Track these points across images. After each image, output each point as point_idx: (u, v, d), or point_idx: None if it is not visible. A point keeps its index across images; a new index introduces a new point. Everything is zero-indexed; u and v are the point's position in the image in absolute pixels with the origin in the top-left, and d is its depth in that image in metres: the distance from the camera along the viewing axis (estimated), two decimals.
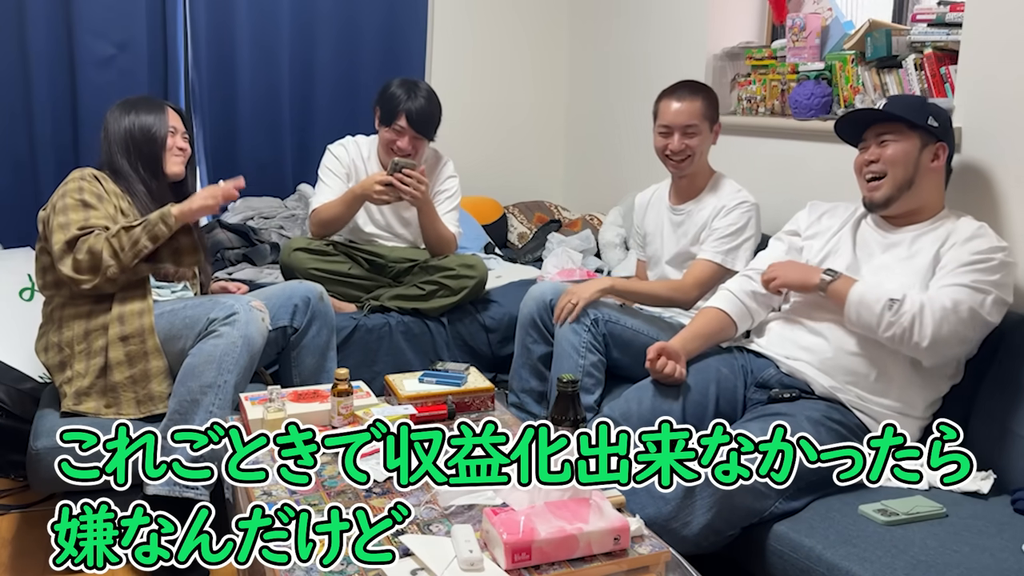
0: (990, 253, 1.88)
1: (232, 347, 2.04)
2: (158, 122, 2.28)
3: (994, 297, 1.85)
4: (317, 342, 2.38)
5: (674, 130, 2.42)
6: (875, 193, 2.01)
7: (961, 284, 1.85)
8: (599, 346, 2.30)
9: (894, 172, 1.98)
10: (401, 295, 2.83)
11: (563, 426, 1.66)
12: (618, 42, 3.72)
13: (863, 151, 2.05)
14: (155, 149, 2.28)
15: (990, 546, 1.54)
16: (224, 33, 3.43)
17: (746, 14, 3.21)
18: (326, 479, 1.63)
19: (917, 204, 2.00)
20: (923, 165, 1.97)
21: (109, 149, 2.28)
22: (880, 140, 2.00)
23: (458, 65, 3.93)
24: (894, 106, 2.00)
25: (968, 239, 1.91)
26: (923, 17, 2.32)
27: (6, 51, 3.12)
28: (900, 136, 1.97)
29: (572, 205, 4.09)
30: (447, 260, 2.83)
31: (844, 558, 1.54)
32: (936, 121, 1.97)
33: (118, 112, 2.30)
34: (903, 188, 1.98)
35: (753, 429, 1.76)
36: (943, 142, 1.98)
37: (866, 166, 2.03)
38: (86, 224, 2.09)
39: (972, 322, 1.84)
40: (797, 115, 2.70)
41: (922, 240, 1.97)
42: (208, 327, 2.08)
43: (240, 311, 2.08)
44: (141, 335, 2.11)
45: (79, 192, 2.15)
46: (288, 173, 3.65)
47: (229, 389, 2.03)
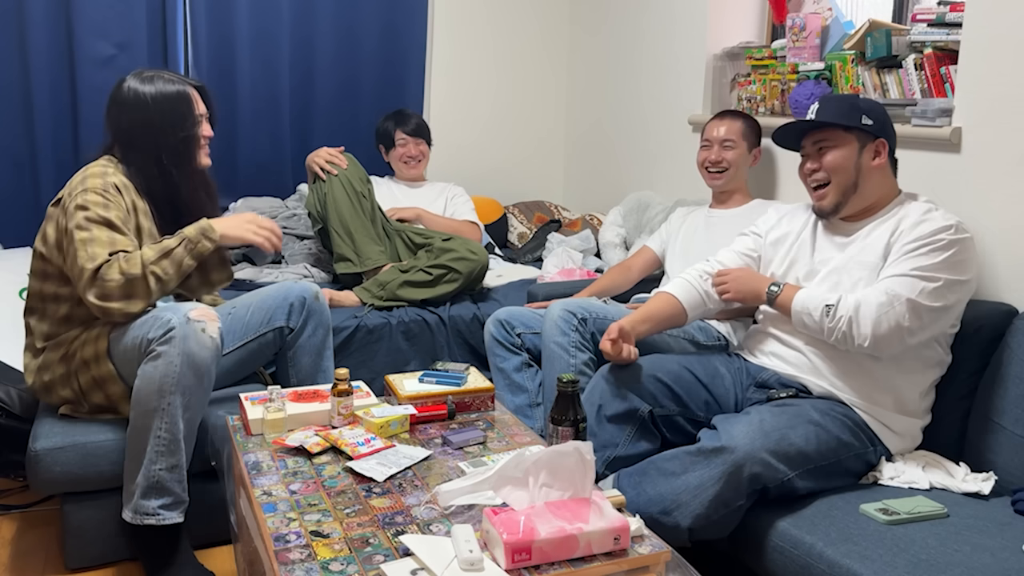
0: (934, 235, 1.85)
1: (171, 367, 1.90)
2: (187, 106, 2.13)
3: (942, 281, 1.82)
4: (313, 342, 2.35)
5: (713, 143, 2.66)
6: (823, 201, 2.03)
7: (899, 274, 1.85)
8: (588, 344, 2.30)
9: (837, 179, 1.99)
10: (409, 282, 2.89)
11: (563, 425, 1.66)
12: (618, 42, 3.72)
13: (804, 160, 2.06)
14: (190, 144, 2.15)
15: (991, 546, 1.54)
16: (224, 33, 3.43)
17: (746, 14, 3.21)
18: (326, 479, 1.63)
19: (867, 203, 2.01)
20: (865, 166, 1.97)
21: (126, 136, 2.12)
22: (818, 148, 2.01)
23: (458, 65, 3.93)
24: (826, 112, 1.99)
25: (914, 224, 1.90)
26: (923, 17, 2.32)
27: (6, 51, 3.12)
28: (837, 141, 1.98)
29: (572, 205, 4.09)
30: (453, 243, 2.97)
31: (845, 556, 1.54)
32: (870, 118, 1.97)
33: (135, 88, 2.11)
34: (849, 192, 1.99)
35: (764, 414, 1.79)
36: (881, 138, 1.98)
37: (809, 176, 2.04)
38: (115, 249, 1.97)
39: (914, 311, 1.82)
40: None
41: (875, 233, 1.98)
42: (147, 348, 1.93)
43: (176, 326, 1.91)
44: (97, 360, 2.04)
45: (105, 207, 2.00)
46: (288, 173, 3.65)
47: (176, 411, 1.92)
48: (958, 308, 1.91)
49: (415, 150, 3.34)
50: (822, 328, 1.90)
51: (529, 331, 2.46)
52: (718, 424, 1.81)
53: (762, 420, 1.78)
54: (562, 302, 2.33)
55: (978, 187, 2.16)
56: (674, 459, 1.78)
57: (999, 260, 2.12)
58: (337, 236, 3.03)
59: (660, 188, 3.40)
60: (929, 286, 1.82)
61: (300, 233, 3.37)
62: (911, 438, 1.95)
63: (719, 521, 1.73)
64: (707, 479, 1.71)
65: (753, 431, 1.74)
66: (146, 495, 1.94)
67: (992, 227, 2.12)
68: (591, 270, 3.21)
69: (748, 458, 1.69)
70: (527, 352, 2.45)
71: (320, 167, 3.09)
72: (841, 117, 1.97)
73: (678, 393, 2.03)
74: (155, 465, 1.93)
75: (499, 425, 1.93)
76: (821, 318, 1.90)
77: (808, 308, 1.93)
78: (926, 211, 1.93)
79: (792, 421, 1.80)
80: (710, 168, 2.68)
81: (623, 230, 3.34)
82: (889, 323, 1.82)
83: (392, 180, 3.43)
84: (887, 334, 1.83)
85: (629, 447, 1.99)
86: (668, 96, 3.39)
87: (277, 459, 1.72)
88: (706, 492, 1.70)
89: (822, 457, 1.78)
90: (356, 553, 1.36)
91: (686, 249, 2.68)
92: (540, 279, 3.16)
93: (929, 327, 1.86)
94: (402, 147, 3.33)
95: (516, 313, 2.50)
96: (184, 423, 1.95)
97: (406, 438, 1.84)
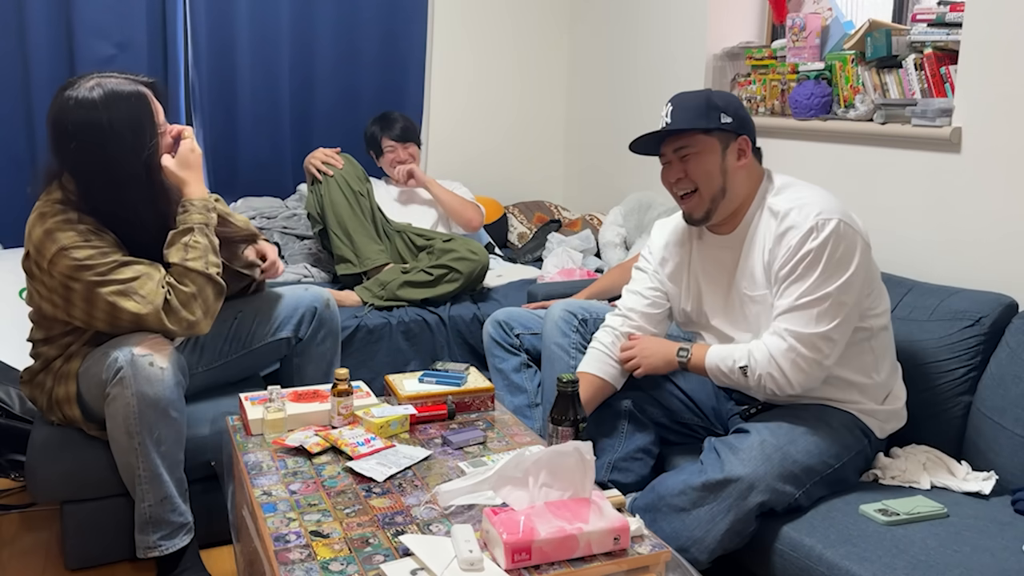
0: (800, 249, 1.75)
1: (128, 409, 1.85)
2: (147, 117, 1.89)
3: (831, 300, 1.73)
4: (321, 350, 2.33)
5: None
6: (693, 211, 1.90)
7: (787, 310, 1.77)
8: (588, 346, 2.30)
9: (704, 186, 1.86)
10: (410, 282, 2.89)
11: (563, 425, 1.66)
12: (618, 42, 3.71)
13: (666, 168, 1.93)
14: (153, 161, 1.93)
15: (991, 546, 1.54)
16: (224, 33, 3.43)
17: (746, 14, 3.21)
18: (326, 479, 1.63)
19: (735, 204, 1.90)
20: (730, 167, 1.86)
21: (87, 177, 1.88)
22: (681, 155, 1.88)
23: (458, 64, 3.93)
24: (681, 114, 1.86)
25: (778, 238, 1.79)
26: (923, 17, 2.32)
27: (6, 51, 3.12)
28: (699, 147, 1.86)
29: (572, 205, 4.08)
30: (454, 243, 2.98)
31: (844, 557, 1.54)
32: (728, 115, 1.85)
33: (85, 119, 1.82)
34: (718, 198, 1.87)
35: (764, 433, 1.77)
36: (743, 135, 1.87)
37: (674, 183, 1.91)
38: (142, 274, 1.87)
39: (820, 341, 1.74)
40: (797, 115, 2.70)
41: (751, 254, 1.87)
42: (104, 391, 1.87)
43: (123, 366, 1.83)
44: (68, 401, 1.99)
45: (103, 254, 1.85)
46: (288, 173, 3.65)
47: (148, 449, 1.88)
48: (857, 295, 1.78)
49: (404, 154, 3.30)
50: (747, 386, 1.85)
51: (528, 332, 2.46)
52: (719, 449, 1.77)
53: (763, 442, 1.74)
54: (563, 303, 2.33)
55: (978, 187, 2.16)
56: (682, 495, 1.75)
57: (999, 259, 2.12)
58: (336, 237, 3.03)
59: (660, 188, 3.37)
60: (819, 310, 1.74)
61: (300, 233, 3.37)
62: (897, 418, 1.91)
63: (733, 547, 1.74)
64: (717, 513, 1.70)
65: (755, 457, 1.71)
66: (143, 530, 1.95)
67: (992, 227, 2.12)
68: (591, 270, 3.21)
69: (754, 487, 1.68)
70: (526, 353, 2.45)
71: (317, 168, 3.09)
72: (699, 119, 1.84)
73: (659, 400, 2.05)
74: (144, 503, 1.93)
75: (499, 425, 1.93)
76: (739, 379, 1.85)
77: (722, 369, 1.86)
78: (784, 215, 1.80)
79: (791, 435, 1.77)
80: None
81: (623, 230, 3.34)
82: (804, 364, 1.76)
83: (390, 181, 3.43)
84: (809, 373, 1.77)
85: (627, 444, 2.00)
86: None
87: (277, 459, 1.72)
88: (718, 526, 1.70)
89: (827, 466, 1.77)
90: (356, 553, 1.36)
91: None
92: (540, 279, 3.16)
93: (841, 341, 1.78)
94: (391, 153, 3.29)
95: (515, 314, 2.50)
96: (160, 457, 1.91)
97: (406, 438, 1.84)
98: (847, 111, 2.56)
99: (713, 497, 1.71)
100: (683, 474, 1.79)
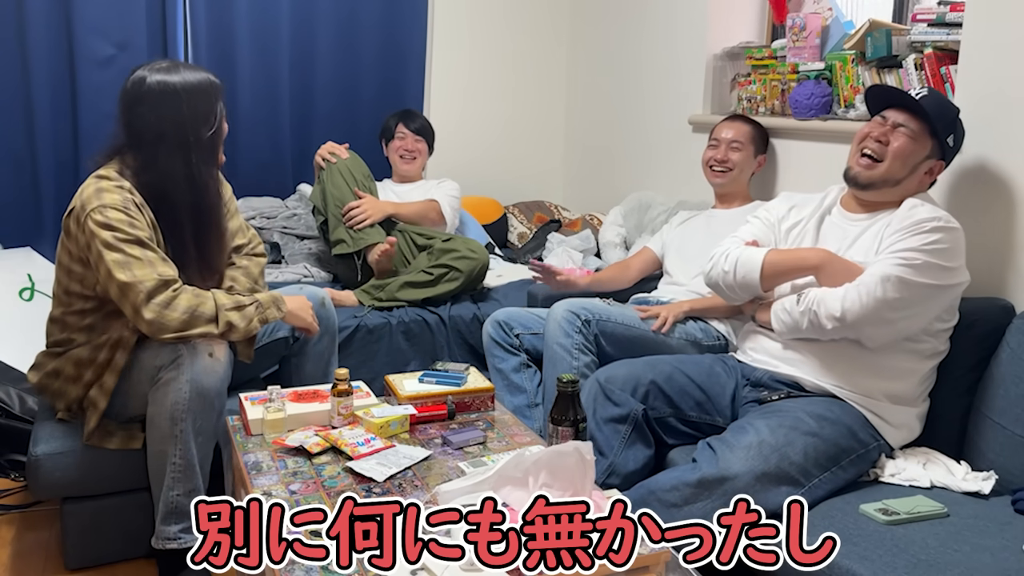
0: (918, 223, 1.85)
1: (180, 394, 1.88)
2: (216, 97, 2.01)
3: (922, 261, 1.81)
4: (318, 349, 2.34)
5: (721, 143, 2.67)
6: (864, 171, 1.98)
7: (880, 260, 1.85)
8: (591, 347, 2.30)
9: (891, 165, 1.96)
10: (410, 282, 2.89)
11: (563, 425, 1.66)
12: (618, 42, 3.71)
13: (875, 124, 2.00)
14: (217, 140, 2.03)
15: (991, 546, 1.54)
16: (224, 33, 3.43)
17: (746, 14, 3.21)
18: (326, 479, 1.63)
19: (893, 198, 1.99)
20: (918, 172, 1.97)
21: (154, 134, 1.94)
22: (896, 126, 1.96)
23: (458, 64, 3.93)
24: (932, 105, 1.93)
25: (903, 219, 1.89)
26: (923, 17, 2.32)
27: (6, 51, 3.11)
28: (916, 135, 1.94)
29: (572, 205, 4.08)
30: (454, 243, 2.97)
31: (844, 556, 1.53)
32: (954, 141, 1.96)
33: (162, 80, 1.93)
34: (890, 183, 1.97)
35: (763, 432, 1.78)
36: (944, 161, 1.98)
37: (869, 140, 1.98)
38: (157, 271, 1.88)
39: (895, 284, 1.80)
40: (797, 115, 2.70)
41: (874, 227, 1.97)
42: (156, 375, 1.92)
43: (183, 352, 1.90)
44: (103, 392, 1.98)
45: (132, 225, 1.89)
46: (288, 173, 3.65)
47: (188, 437, 1.90)
48: (946, 298, 1.87)
49: (412, 145, 3.33)
50: (794, 318, 1.91)
51: (528, 332, 2.46)
52: (715, 446, 1.78)
53: (761, 442, 1.75)
54: (566, 303, 2.33)
55: (978, 187, 2.16)
56: (674, 490, 1.75)
57: (999, 260, 2.12)
58: (334, 219, 3.02)
59: (660, 188, 3.40)
60: (909, 264, 1.81)
61: (300, 233, 3.37)
62: (908, 429, 1.94)
63: None
64: (710, 511, 1.67)
65: (751, 456, 1.72)
66: (166, 520, 1.94)
67: (992, 227, 2.12)
68: (591, 270, 3.21)
69: (749, 486, 1.68)
70: (526, 353, 2.45)
71: (322, 157, 3.11)
72: (940, 120, 1.93)
73: (669, 394, 2.03)
74: (172, 491, 1.93)
75: (499, 425, 1.93)
76: (792, 306, 1.91)
77: (785, 305, 1.94)
78: (913, 205, 1.91)
79: (789, 436, 1.77)
80: (715, 166, 2.68)
81: (623, 230, 3.34)
82: (864, 296, 1.81)
83: (389, 182, 3.42)
84: (863, 308, 1.81)
85: (624, 451, 1.99)
86: (668, 96, 3.39)
87: (277, 459, 1.72)
88: None
89: (822, 468, 1.77)
90: None
91: (686, 249, 2.68)
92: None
93: (914, 305, 1.82)
94: (400, 140, 3.33)
95: (514, 314, 2.50)
96: (197, 447, 1.93)
97: (406, 438, 1.84)
98: (847, 111, 2.56)
99: (708, 494, 1.70)
100: (676, 471, 1.79)
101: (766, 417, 1.85)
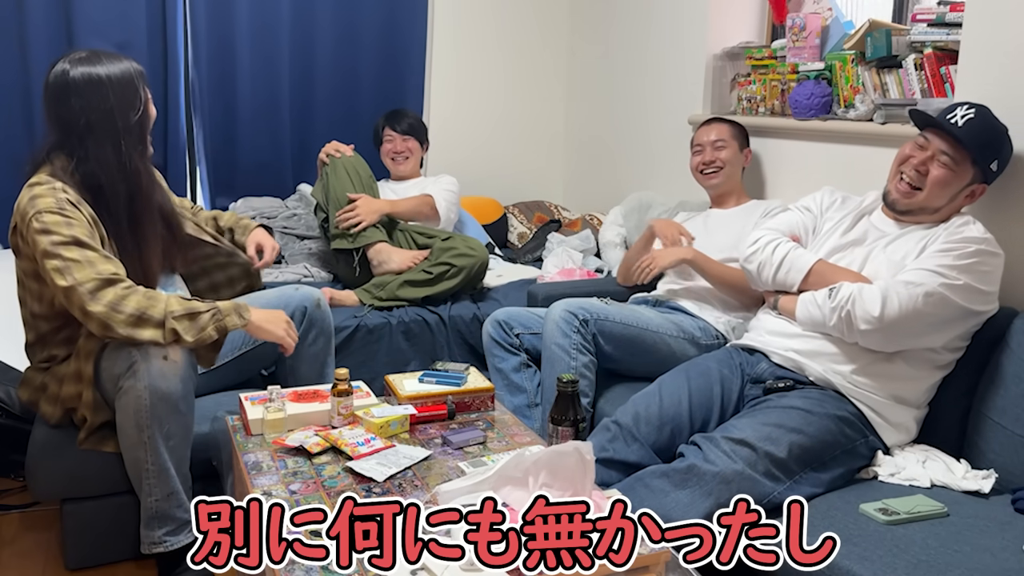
0: (965, 241, 1.86)
1: (140, 402, 1.86)
2: (140, 82, 1.98)
3: (963, 282, 1.82)
4: (313, 350, 2.32)
5: (705, 146, 2.70)
6: (903, 199, 1.99)
7: (921, 268, 1.85)
8: (589, 347, 2.30)
9: (930, 194, 1.95)
10: (410, 281, 2.89)
11: (563, 425, 1.66)
12: (618, 42, 3.71)
13: (916, 147, 1.98)
14: (145, 126, 2.00)
15: (991, 546, 1.54)
16: (224, 33, 3.43)
17: (746, 14, 3.21)
18: (326, 479, 1.63)
19: (932, 218, 2.00)
20: (959, 198, 1.97)
21: (83, 126, 1.92)
22: (938, 157, 1.93)
23: (458, 64, 3.93)
24: (970, 134, 1.90)
25: (950, 233, 1.90)
26: (923, 17, 2.32)
27: (6, 51, 3.11)
28: (959, 166, 1.92)
29: (572, 205, 4.08)
30: (453, 241, 2.97)
31: (844, 557, 1.53)
32: (998, 167, 1.95)
33: (86, 71, 1.91)
34: (929, 210, 1.98)
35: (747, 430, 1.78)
36: (987, 184, 1.97)
37: (908, 167, 1.98)
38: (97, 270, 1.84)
39: (933, 300, 1.80)
40: (797, 115, 2.70)
41: (919, 232, 1.98)
42: (116, 383, 1.89)
43: (137, 359, 1.86)
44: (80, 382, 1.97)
45: (68, 226, 1.85)
46: (288, 173, 3.65)
47: (157, 443, 1.89)
48: (974, 322, 1.90)
49: (401, 146, 3.34)
50: (824, 312, 1.91)
51: (528, 331, 2.46)
52: (701, 443, 1.79)
53: (744, 438, 1.76)
54: (564, 303, 2.33)
55: None
56: (663, 477, 1.76)
57: None
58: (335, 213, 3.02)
59: (660, 188, 3.40)
60: (952, 283, 1.82)
61: (300, 233, 3.37)
62: (906, 431, 1.95)
63: None
64: (697, 496, 1.70)
65: (735, 451, 1.73)
66: (149, 525, 1.95)
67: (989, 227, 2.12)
68: (591, 270, 3.22)
69: (736, 476, 1.70)
70: (526, 352, 2.45)
71: (327, 153, 3.12)
72: (981, 149, 1.90)
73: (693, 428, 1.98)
74: (151, 497, 1.93)
75: (499, 425, 1.93)
76: (824, 300, 1.91)
77: (816, 297, 1.94)
78: (965, 222, 1.92)
79: (773, 433, 1.78)
80: (704, 170, 2.70)
81: (624, 230, 3.34)
82: (901, 303, 1.81)
83: (388, 182, 3.43)
84: (900, 309, 1.81)
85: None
86: (668, 96, 3.39)
87: (277, 459, 1.72)
88: (696, 508, 1.67)
89: (804, 465, 1.78)
90: None
91: None
92: (540, 279, 3.16)
93: (944, 324, 1.84)
94: (388, 143, 3.35)
95: (514, 314, 2.50)
96: (168, 451, 1.92)
97: (406, 438, 1.84)
98: (847, 111, 2.56)
99: (696, 480, 1.71)
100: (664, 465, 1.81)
101: (753, 415, 1.87)
